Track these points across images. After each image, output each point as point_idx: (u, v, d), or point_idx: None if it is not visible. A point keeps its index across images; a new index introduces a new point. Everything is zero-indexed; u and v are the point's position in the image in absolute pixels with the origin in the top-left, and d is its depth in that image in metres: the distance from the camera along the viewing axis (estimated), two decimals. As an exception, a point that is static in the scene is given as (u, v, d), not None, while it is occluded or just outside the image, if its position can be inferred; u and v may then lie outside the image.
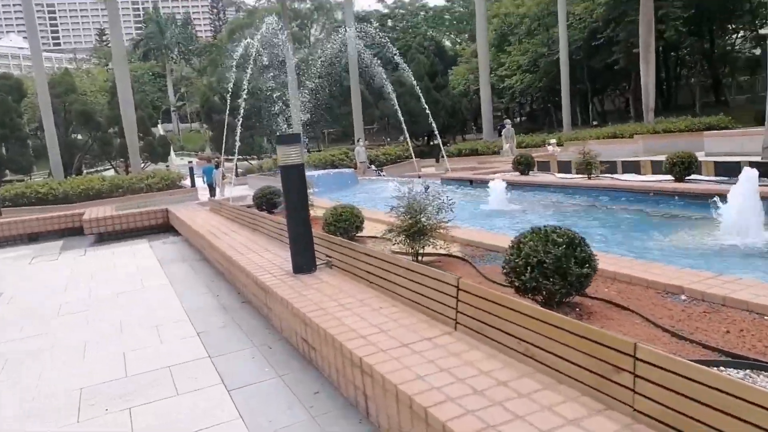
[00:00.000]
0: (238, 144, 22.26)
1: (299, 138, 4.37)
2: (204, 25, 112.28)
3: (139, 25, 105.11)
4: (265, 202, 8.67)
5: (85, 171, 33.19)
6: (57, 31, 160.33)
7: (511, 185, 9.05)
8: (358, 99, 28.56)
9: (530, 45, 34.52)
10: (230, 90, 32.13)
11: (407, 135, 19.31)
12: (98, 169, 36.42)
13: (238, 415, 3.11)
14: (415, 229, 4.51)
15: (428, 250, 4.67)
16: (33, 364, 4.19)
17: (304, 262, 4.36)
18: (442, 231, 4.59)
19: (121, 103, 22.48)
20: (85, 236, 10.86)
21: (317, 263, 4.45)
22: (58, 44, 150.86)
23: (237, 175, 29.77)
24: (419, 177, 15.57)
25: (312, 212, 9.32)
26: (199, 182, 25.70)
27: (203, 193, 24.33)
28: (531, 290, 3.08)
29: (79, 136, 34.06)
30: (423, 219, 4.54)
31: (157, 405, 3.33)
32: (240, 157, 32.35)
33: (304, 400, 3.24)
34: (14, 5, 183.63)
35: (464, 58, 42.59)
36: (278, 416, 3.08)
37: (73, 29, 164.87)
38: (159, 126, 54.39)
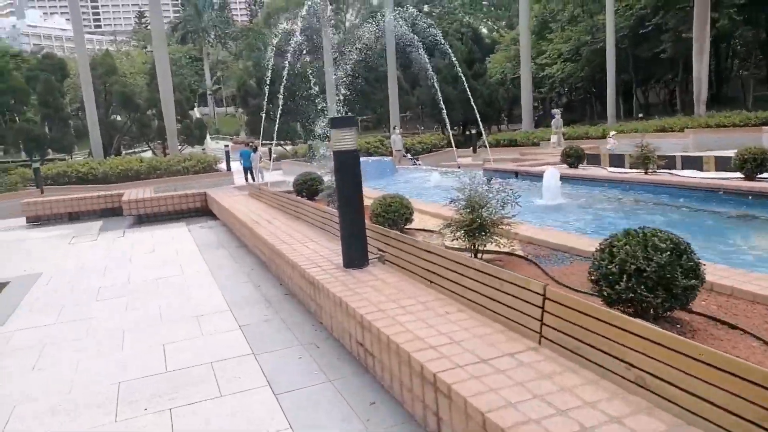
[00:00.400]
0: (276, 128, 22.13)
1: (354, 121, 4.03)
2: (240, 8, 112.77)
3: (177, 9, 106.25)
4: (306, 188, 8.40)
5: (123, 152, 33.71)
6: (98, 13, 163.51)
7: (562, 178, 8.56)
8: (395, 85, 28.08)
9: (573, 32, 33.35)
10: (267, 75, 32.08)
11: (447, 123, 18.78)
12: (136, 150, 36.98)
13: (288, 426, 2.83)
14: (476, 224, 4.14)
15: (489, 247, 4.30)
16: (70, 353, 4.00)
17: (356, 256, 4.05)
18: (505, 227, 4.21)
19: (160, 85, 22.56)
20: (123, 217, 10.83)
21: (369, 257, 4.13)
22: (99, 26, 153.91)
23: (271, 160, 29.77)
24: (459, 168, 15.11)
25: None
26: (235, 166, 25.75)
27: (239, 177, 24.35)
28: (624, 302, 2.69)
29: (119, 118, 34.58)
30: (485, 213, 4.16)
31: (199, 407, 3.08)
32: (275, 142, 32.33)
33: (360, 411, 2.93)
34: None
35: (503, 45, 41.51)
36: (332, 428, 2.79)
37: (113, 11, 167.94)
38: (195, 109, 54.97)
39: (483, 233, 4.17)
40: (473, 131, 22.69)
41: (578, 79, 35.70)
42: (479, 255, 4.29)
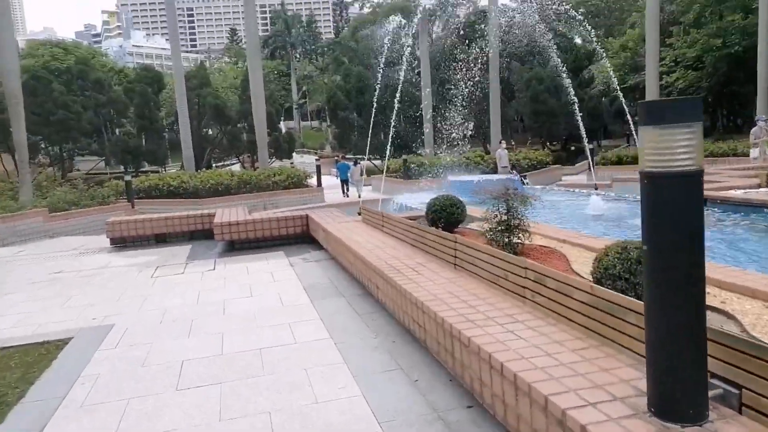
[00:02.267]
0: (368, 141, 20.36)
1: (697, 111, 1.91)
2: (325, 23, 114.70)
3: (266, 26, 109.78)
4: (444, 217, 6.38)
5: (213, 165, 33.63)
6: (194, 33, 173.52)
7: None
8: (497, 96, 25.77)
9: (698, 35, 29.52)
10: (358, 87, 30.76)
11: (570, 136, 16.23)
12: (225, 163, 36.98)
13: None
14: None
15: None
16: None
17: (687, 404, 1.93)
18: None
19: (252, 97, 21.67)
20: (214, 241, 9.35)
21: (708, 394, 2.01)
22: (195, 45, 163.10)
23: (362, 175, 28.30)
24: (596, 188, 12.61)
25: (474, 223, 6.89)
26: (326, 181, 24.46)
27: (329, 193, 22.99)
28: None
29: (210, 132, 34.66)
30: None
31: None
32: (365, 156, 30.97)
33: None
34: (160, 10, 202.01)
35: (611, 52, 38.00)
36: None
37: (207, 30, 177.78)
38: (281, 123, 55.24)
39: None
40: (589, 146, 19.95)
41: (700, 89, 31.66)
42: None
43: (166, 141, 33.62)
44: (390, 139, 34.02)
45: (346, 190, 25.72)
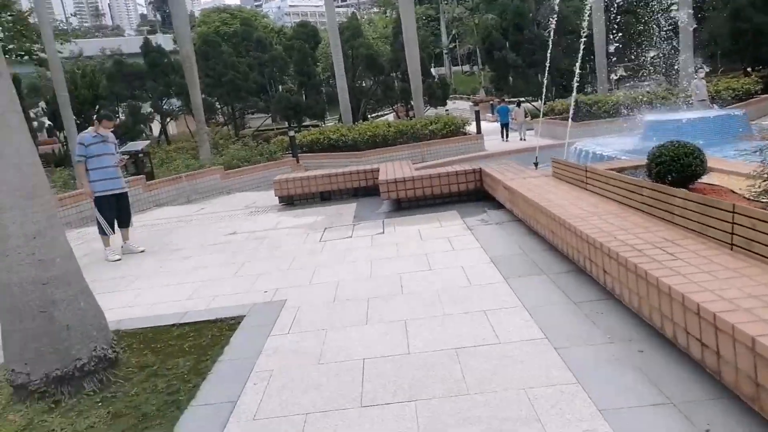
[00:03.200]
0: (546, 81, 18.53)
1: None
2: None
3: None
4: (676, 169, 4.84)
5: (368, 116, 33.72)
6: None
7: None
8: (691, 19, 21.50)
9: None
10: (515, 24, 28.08)
11: None
12: (379, 114, 36.94)
13: None
14: None
15: None
16: None
17: None
18: None
19: (405, 44, 20.66)
20: (379, 199, 8.73)
21: None
22: (345, 0, 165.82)
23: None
24: None
25: (711, 178, 5.12)
26: (485, 127, 22.95)
27: (489, 140, 21.51)
28: None
29: (363, 83, 34.62)
30: None
31: None
32: (523, 99, 28.54)
33: None
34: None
35: None
36: None
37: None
38: (432, 70, 53.70)
39: None
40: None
41: None
42: None
43: (323, 95, 34.37)
44: (549, 78, 30.77)
45: (506, 135, 24.01)
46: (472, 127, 22.15)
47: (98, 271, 6.34)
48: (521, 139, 23.58)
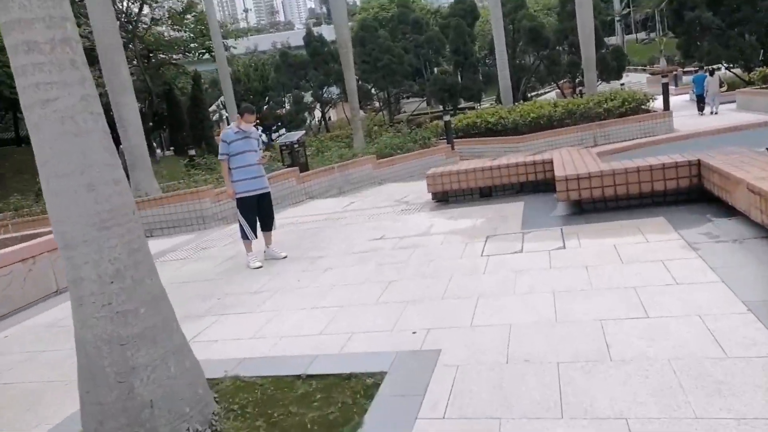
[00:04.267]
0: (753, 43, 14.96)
1: None
2: None
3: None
4: None
5: (529, 96, 31.19)
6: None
7: None
8: None
9: None
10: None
11: None
12: (538, 93, 34.07)
13: None
14: None
15: None
16: None
17: None
18: None
19: (577, 7, 18.09)
20: (549, 196, 7.18)
21: None
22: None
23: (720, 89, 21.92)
24: None
25: None
26: (675, 102, 19.52)
27: (678, 117, 18.15)
28: None
29: (524, 60, 32.08)
30: None
31: None
32: (718, 66, 23.87)
33: None
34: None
35: None
36: None
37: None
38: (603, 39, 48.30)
39: None
40: None
41: None
42: None
43: (480, 75, 32.59)
44: (757, 39, 25.26)
45: (701, 109, 20.48)
46: (657, 103, 18.90)
47: (236, 280, 5.81)
48: (712, 113, 20.08)
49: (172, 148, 33.61)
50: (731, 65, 25.96)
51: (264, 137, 6.66)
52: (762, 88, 20.01)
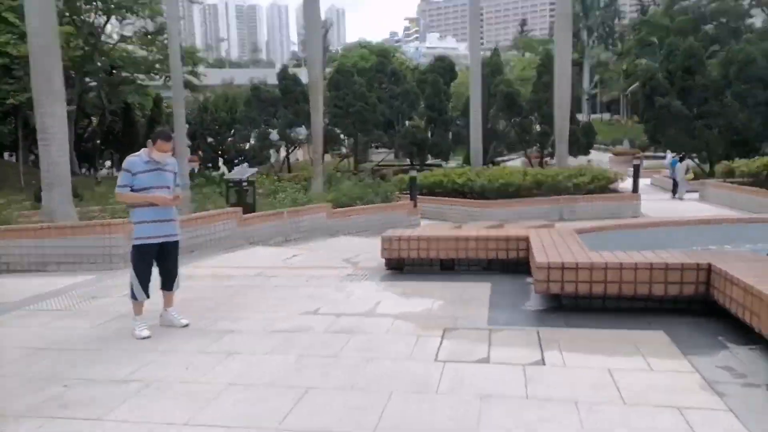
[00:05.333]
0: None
1: None
2: (631, 2, 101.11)
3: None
4: None
5: (497, 160, 30.93)
6: (482, 30, 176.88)
7: None
8: None
9: None
10: (686, 66, 23.97)
11: None
12: (504, 159, 33.99)
13: None
14: None
15: None
16: None
17: None
18: None
19: (557, 76, 17.81)
20: (521, 281, 6.07)
21: None
22: (482, 43, 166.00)
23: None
24: None
25: None
26: (643, 185, 19.27)
27: (647, 202, 17.74)
28: None
29: (497, 125, 32.05)
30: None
31: None
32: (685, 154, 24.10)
33: None
34: (453, 13, 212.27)
35: None
36: None
37: (495, 26, 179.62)
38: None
39: None
40: None
41: None
42: None
43: (450, 134, 32.33)
44: (718, 131, 25.62)
45: (675, 192, 20.73)
46: (625, 184, 18.54)
47: (106, 357, 4.32)
48: (678, 198, 20.27)
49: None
50: (694, 155, 26.34)
51: (178, 175, 5.29)
52: (725, 182, 20.00)
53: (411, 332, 4.69)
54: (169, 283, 5.09)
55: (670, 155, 24.62)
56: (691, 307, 4.94)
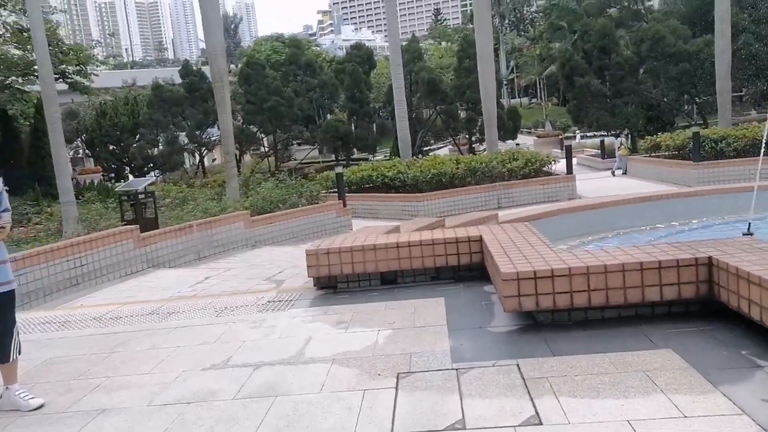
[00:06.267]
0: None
1: None
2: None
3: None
4: None
5: (424, 149, 30.24)
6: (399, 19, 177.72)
7: None
8: None
9: None
10: (601, 46, 24.17)
11: None
12: (432, 148, 33.48)
13: None
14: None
15: None
16: None
17: None
18: None
19: (479, 59, 17.12)
20: (476, 283, 5.05)
21: None
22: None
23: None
24: None
25: None
26: (563, 166, 19.06)
27: (580, 182, 17.51)
28: None
29: (421, 114, 31.38)
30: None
31: None
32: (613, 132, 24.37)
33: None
34: (367, 4, 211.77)
35: None
36: None
37: (409, 16, 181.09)
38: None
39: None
40: None
41: None
42: None
43: (374, 126, 31.32)
44: (640, 108, 26.24)
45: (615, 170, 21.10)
46: (557, 166, 18.22)
47: None
48: (621, 173, 20.62)
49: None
50: (618, 132, 26.80)
51: (5, 194, 3.76)
52: (651, 156, 20.24)
53: (353, 386, 3.49)
54: (2, 351, 3.58)
55: (579, 135, 24.94)
56: (689, 309, 4.08)
